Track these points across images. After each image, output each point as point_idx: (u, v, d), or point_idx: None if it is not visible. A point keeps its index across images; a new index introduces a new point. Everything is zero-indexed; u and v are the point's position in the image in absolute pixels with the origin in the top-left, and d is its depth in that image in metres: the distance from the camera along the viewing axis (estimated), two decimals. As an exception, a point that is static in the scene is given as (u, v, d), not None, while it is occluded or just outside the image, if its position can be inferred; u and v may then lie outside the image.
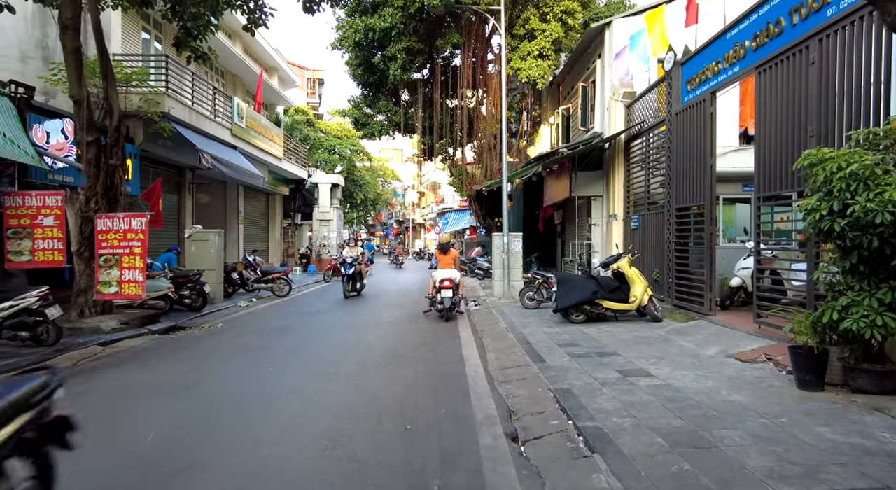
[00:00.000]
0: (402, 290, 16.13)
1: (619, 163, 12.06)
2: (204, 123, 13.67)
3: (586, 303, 8.46)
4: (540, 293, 10.61)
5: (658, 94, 10.18)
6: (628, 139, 11.73)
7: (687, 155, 8.68)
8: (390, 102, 17.38)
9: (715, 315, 8.01)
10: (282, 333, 8.40)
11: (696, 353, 6.22)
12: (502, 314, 9.94)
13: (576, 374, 5.38)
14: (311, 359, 6.58)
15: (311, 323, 9.48)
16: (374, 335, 8.15)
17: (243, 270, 14.28)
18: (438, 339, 7.80)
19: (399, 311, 11.04)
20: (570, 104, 16.20)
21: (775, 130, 6.48)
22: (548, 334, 7.70)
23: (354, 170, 38.30)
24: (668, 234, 9.25)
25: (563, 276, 8.97)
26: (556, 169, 13.62)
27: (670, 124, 9.28)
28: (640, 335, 7.45)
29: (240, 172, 14.57)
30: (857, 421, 3.82)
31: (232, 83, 19.55)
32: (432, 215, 49.50)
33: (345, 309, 11.42)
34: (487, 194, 17.02)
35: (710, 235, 8.05)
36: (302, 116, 32.41)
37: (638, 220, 11.00)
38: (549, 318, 9.17)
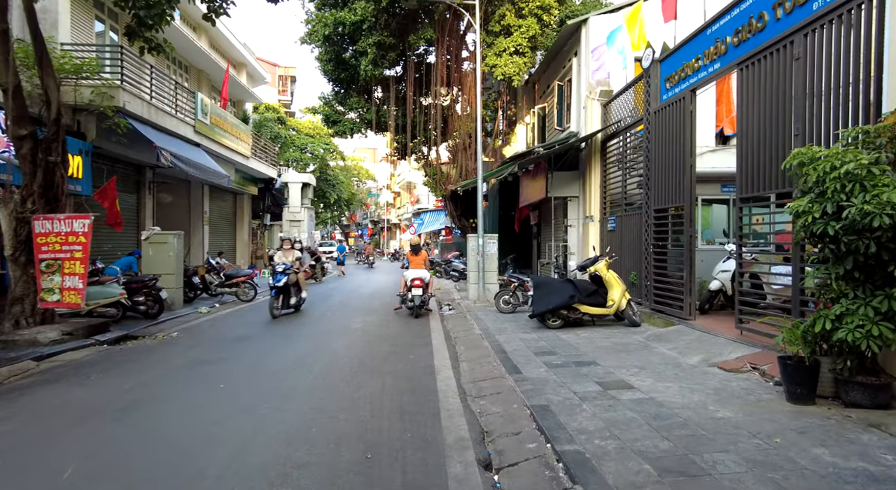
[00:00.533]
0: (374, 293, 15.64)
1: (595, 163, 11.82)
2: (164, 119, 12.95)
3: (563, 307, 8.15)
4: (516, 297, 10.27)
5: (636, 92, 9.95)
6: (605, 139, 11.50)
7: (666, 155, 8.44)
8: (362, 99, 16.84)
9: (695, 319, 7.77)
10: (240, 343, 7.85)
11: (678, 361, 5.94)
12: (477, 319, 9.57)
13: (554, 388, 5.02)
14: (269, 372, 6.08)
15: (275, 330, 8.94)
16: (340, 344, 7.67)
17: (205, 274, 13.59)
18: (409, 348, 7.37)
19: (369, 316, 10.56)
20: (546, 103, 15.96)
21: (758, 129, 6.25)
22: (524, 341, 7.34)
23: (327, 169, 37.53)
24: (646, 235, 9.01)
25: (539, 279, 8.65)
26: (532, 169, 13.33)
27: (648, 123, 9.04)
28: (618, 341, 7.15)
29: (203, 171, 13.88)
30: (855, 440, 3.54)
31: (196, 78, 18.75)
32: (407, 216, 49.00)
33: (310, 315, 10.89)
34: (462, 194, 16.66)
35: (690, 237, 7.81)
36: (272, 114, 31.54)
37: (615, 221, 10.76)
38: (526, 323, 8.83)
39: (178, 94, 14.16)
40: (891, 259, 3.80)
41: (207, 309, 11.57)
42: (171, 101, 13.72)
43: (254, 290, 13.63)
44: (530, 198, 14.80)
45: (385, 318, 10.33)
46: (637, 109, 9.89)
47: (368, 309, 11.69)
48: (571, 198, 12.75)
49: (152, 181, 15.15)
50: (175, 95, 13.85)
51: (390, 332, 8.63)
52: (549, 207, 14.84)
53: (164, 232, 11.55)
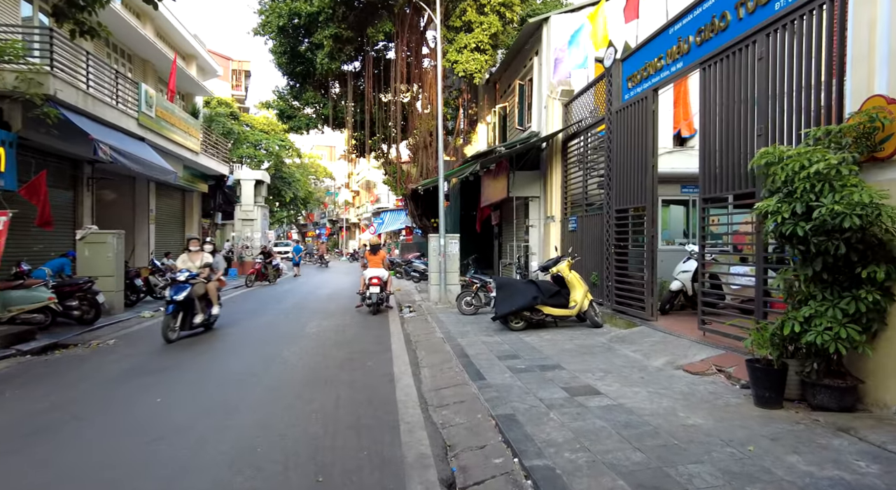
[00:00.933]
0: (331, 295, 15.13)
1: (556, 163, 11.75)
2: (103, 111, 12.07)
3: (526, 309, 7.97)
4: (478, 298, 10.05)
5: (597, 92, 9.91)
6: (566, 139, 11.44)
7: (627, 154, 8.40)
8: (318, 94, 16.25)
9: (657, 320, 7.74)
10: (184, 350, 7.29)
11: (644, 364, 5.83)
12: (438, 322, 9.29)
13: (519, 395, 4.79)
14: (214, 383, 5.61)
15: (222, 336, 8.39)
16: (293, 350, 7.23)
17: (150, 276, 12.76)
18: (367, 354, 7.01)
19: (326, 320, 10.11)
20: (507, 102, 15.86)
21: (721, 129, 6.23)
22: (487, 345, 7.11)
23: (283, 166, 36.43)
24: (608, 236, 8.96)
25: (502, 280, 8.45)
26: (493, 168, 13.17)
27: (610, 123, 8.99)
28: (582, 343, 7.02)
29: (148, 167, 13.03)
30: (827, 445, 3.45)
31: (142, 69, 17.69)
32: (367, 215, 48.25)
33: (263, 318, 10.35)
34: (423, 194, 16.35)
35: (652, 238, 7.78)
36: (225, 109, 30.33)
37: (576, 221, 10.71)
38: (488, 326, 8.62)
39: (120, 84, 13.26)
40: (859, 260, 3.74)
41: (151, 313, 10.83)
42: (112, 92, 12.82)
43: (202, 292, 12.88)
44: (492, 198, 14.64)
45: (342, 321, 9.91)
46: (598, 109, 9.85)
47: (325, 312, 11.22)
48: (533, 198, 12.66)
49: (91, 177, 14.14)
50: (116, 85, 12.95)
51: (347, 337, 8.24)
52: (511, 207, 14.73)
53: (103, 231, 10.74)
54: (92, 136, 10.32)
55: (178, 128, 16.46)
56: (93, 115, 11.57)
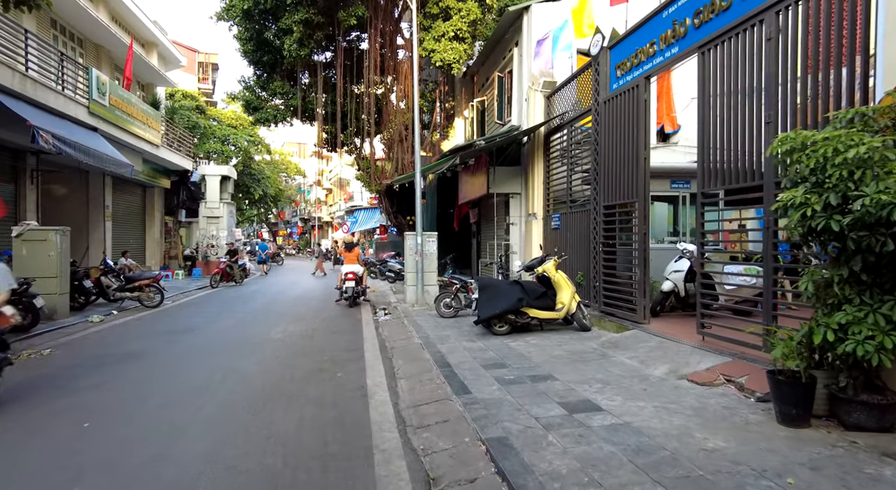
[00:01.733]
0: (301, 296, 14.32)
1: (538, 158, 11.23)
2: (46, 96, 11.04)
3: (511, 311, 7.41)
4: (457, 300, 9.45)
5: (581, 83, 9.42)
6: (548, 133, 10.93)
7: (616, 147, 7.91)
8: (287, 84, 15.38)
9: (649, 323, 7.27)
10: (129, 361, 6.48)
11: (643, 373, 5.31)
12: (416, 325, 8.65)
13: (510, 412, 4.21)
14: (157, 402, 4.86)
15: (176, 344, 7.58)
16: (254, 360, 6.49)
17: (102, 276, 11.75)
18: (337, 363, 6.33)
19: (294, 324, 9.36)
20: (486, 96, 15.31)
21: (723, 119, 5.76)
22: (469, 351, 6.51)
23: (252, 163, 35.12)
24: (595, 234, 8.47)
25: (484, 281, 7.87)
26: (472, 163, 12.58)
27: (597, 114, 8.50)
28: (573, 350, 6.48)
29: (99, 159, 11.99)
30: (878, 477, 2.95)
31: (94, 55, 16.50)
32: (340, 213, 47.22)
33: (224, 323, 9.54)
34: (399, 190, 15.68)
35: (644, 235, 7.30)
36: (190, 102, 28.99)
37: (559, 219, 10.21)
38: (470, 330, 8.02)
39: (68, 68, 12.20)
40: (906, 259, 3.27)
41: (100, 318, 9.88)
42: (57, 75, 11.77)
43: (160, 294, 11.96)
44: (470, 195, 14.07)
45: (312, 325, 9.18)
46: (582, 101, 9.37)
47: (293, 315, 10.45)
48: (513, 194, 12.12)
49: (36, 169, 13.03)
50: (61, 68, 11.89)
51: (316, 344, 7.53)
52: (490, 205, 14.18)
53: (43, 228, 9.73)
54: (30, 123, 9.33)
55: (135, 118, 15.39)
56: (33, 100, 10.55)
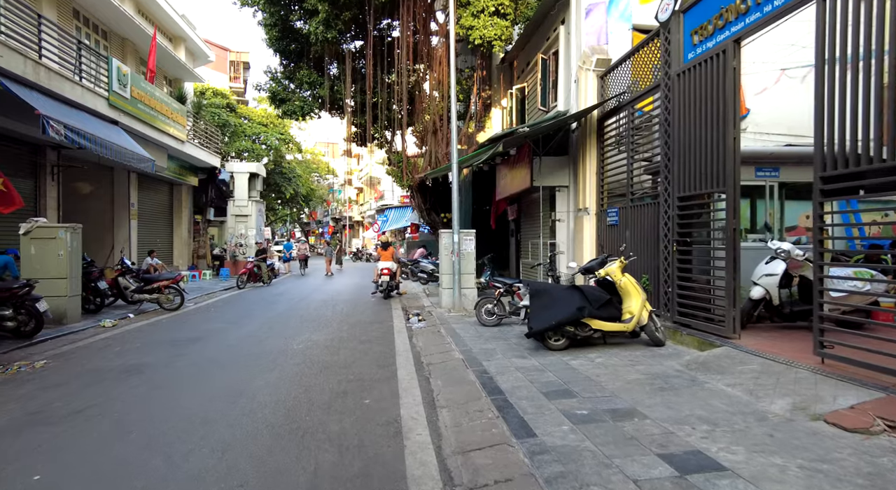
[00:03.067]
0: (329, 299, 13.43)
1: (590, 146, 9.99)
2: (62, 86, 10.41)
3: (570, 323, 6.24)
4: (501, 306, 8.32)
5: (644, 56, 8.17)
6: (602, 117, 9.70)
7: (694, 128, 6.65)
8: (314, 73, 14.52)
9: (739, 338, 6.00)
10: (125, 378, 5.60)
11: (758, 409, 4.08)
12: (454, 335, 7.57)
13: (596, 470, 3.08)
14: (137, 439, 3.91)
15: (185, 356, 6.69)
16: (268, 380, 5.52)
17: (119, 277, 11.09)
18: (365, 384, 5.30)
19: (318, 332, 8.41)
20: (526, 82, 14.11)
21: (859, 79, 4.46)
22: (523, 372, 5.38)
23: (283, 161, 34.72)
24: (666, 230, 7.22)
25: (538, 286, 6.70)
26: (513, 154, 11.41)
27: (668, 91, 7.24)
28: (651, 372, 5.28)
29: (117, 152, 11.34)
30: None
31: (120, 48, 16.04)
32: (371, 213, 46.65)
33: (241, 331, 8.66)
34: (432, 185, 14.63)
35: (734, 232, 6.04)
36: (221, 100, 28.69)
37: (616, 214, 8.97)
38: (519, 343, 6.89)
39: (85, 58, 11.59)
40: None
41: (112, 322, 9.15)
42: (74, 65, 11.16)
43: (180, 296, 11.23)
44: (510, 189, 12.90)
45: (338, 333, 8.20)
46: (641, 80, 8.14)
47: (318, 321, 9.51)
48: (560, 188, 10.91)
49: (57, 164, 12.53)
50: (78, 57, 11.28)
51: (342, 357, 6.52)
52: (533, 200, 13.00)
53: (52, 225, 9.05)
54: (39, 111, 8.65)
55: (159, 112, 14.80)
56: (47, 89, 9.91)
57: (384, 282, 12.87)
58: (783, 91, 8.33)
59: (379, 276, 13.00)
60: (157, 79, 18.77)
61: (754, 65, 8.94)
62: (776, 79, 8.26)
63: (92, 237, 14.97)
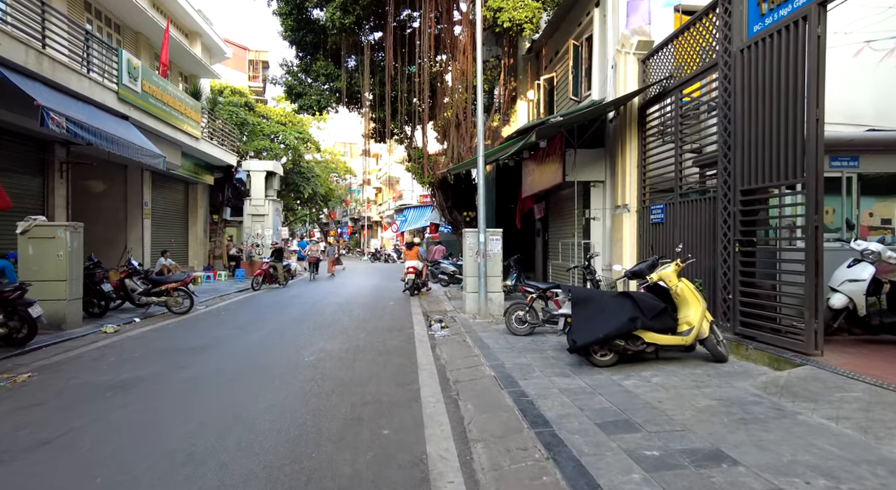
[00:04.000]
0: (347, 302, 12.74)
1: (629, 137, 9.10)
2: (68, 78, 9.91)
3: (621, 336, 5.40)
4: (533, 313, 7.49)
5: (696, 34, 7.27)
6: (644, 104, 8.81)
7: (763, 110, 5.75)
8: (331, 64, 13.84)
9: (821, 354, 5.10)
10: (113, 397, 4.93)
11: (886, 457, 3.21)
12: (482, 345, 6.77)
13: (695, 550, 2.25)
14: (110, 481, 3.20)
15: (184, 369, 6.02)
16: (271, 400, 4.79)
17: (126, 279, 10.54)
18: (383, 408, 4.54)
19: (332, 340, 7.69)
20: (555, 72, 13.25)
21: None
22: (570, 395, 4.56)
23: (301, 161, 34.28)
24: (726, 228, 6.32)
25: (581, 293, 5.86)
26: (543, 147, 10.56)
27: (728, 69, 6.34)
28: (723, 397, 4.41)
29: (126, 147, 10.81)
30: None
31: (134, 42, 15.61)
32: (389, 212, 46.10)
33: (250, 338, 7.99)
34: (454, 182, 13.86)
35: (817, 230, 5.13)
36: (239, 98, 28.34)
37: (661, 211, 8.07)
38: (557, 356, 6.07)
39: (94, 49, 11.09)
40: None
41: (114, 327, 8.57)
42: (82, 56, 10.65)
43: (189, 299, 10.63)
44: (537, 186, 12.05)
45: (354, 343, 7.47)
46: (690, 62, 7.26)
47: (334, 328, 8.80)
48: (595, 183, 10.03)
49: (66, 161, 12.06)
50: (86, 48, 10.77)
51: (357, 373, 5.77)
52: (562, 197, 12.14)
53: (51, 224, 8.50)
54: (38, 102, 8.10)
55: (172, 108, 14.30)
56: (51, 81, 9.40)
57: (410, 279, 13.55)
58: (865, 67, 7.34)
59: (405, 275, 13.75)
60: (172, 75, 18.37)
61: (829, 37, 7.95)
62: (857, 51, 7.26)
63: (104, 237, 14.58)
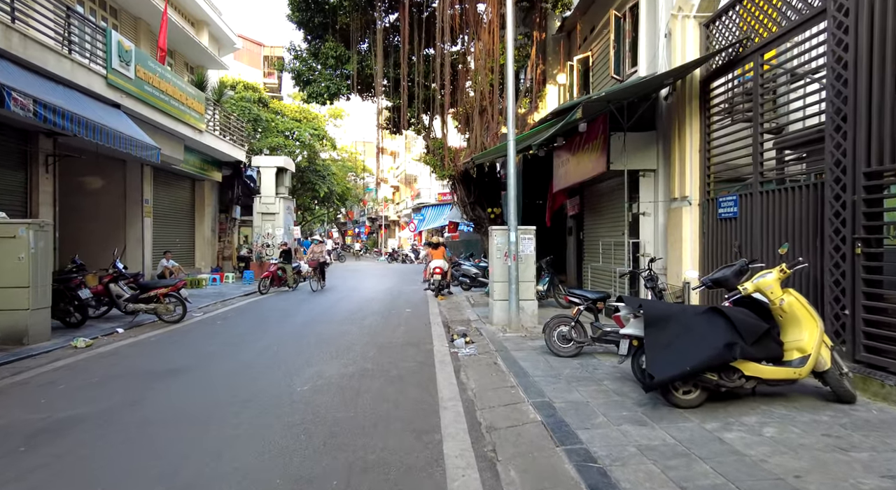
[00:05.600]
0: (356, 309, 11.47)
1: (690, 116, 7.63)
2: (44, 58, 8.82)
3: (715, 368, 3.98)
4: (580, 330, 6.08)
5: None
6: (708, 77, 7.35)
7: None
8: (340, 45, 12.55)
9: None
10: (26, 452, 3.69)
11: None
12: (518, 372, 5.40)
13: None
14: None
15: (141, 402, 4.77)
16: (237, 463, 3.49)
17: (111, 284, 9.41)
18: (391, 480, 3.21)
19: (335, 361, 6.39)
20: (591, 50, 11.80)
21: None
22: (656, 459, 3.17)
23: (317, 158, 33.23)
24: (839, 224, 4.85)
25: (657, 309, 4.43)
26: (582, 132, 9.06)
27: (844, 14, 4.87)
28: (875, 461, 2.98)
29: (113, 137, 9.69)
30: None
31: (133, 28, 14.59)
32: (407, 211, 44.91)
33: (238, 357, 6.74)
34: (477, 176, 12.49)
35: None
36: (252, 94, 27.40)
37: (735, 203, 6.61)
38: (618, 389, 4.67)
39: (75, 27, 9.99)
40: None
41: (87, 341, 7.39)
42: (62, 34, 9.56)
43: (182, 306, 9.46)
44: (573, 178, 10.62)
45: (361, 364, 6.16)
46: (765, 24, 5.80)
47: (339, 343, 7.49)
48: (645, 172, 8.58)
49: (52, 154, 11.00)
50: (67, 27, 9.67)
51: (360, 414, 4.44)
52: (601, 191, 10.69)
53: (10, 221, 7.34)
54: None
55: (172, 97, 13.20)
56: (23, 60, 8.31)
57: (436, 280, 13.18)
58: None
59: (431, 275, 13.41)
60: (177, 65, 17.37)
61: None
62: None
63: (102, 237, 13.56)
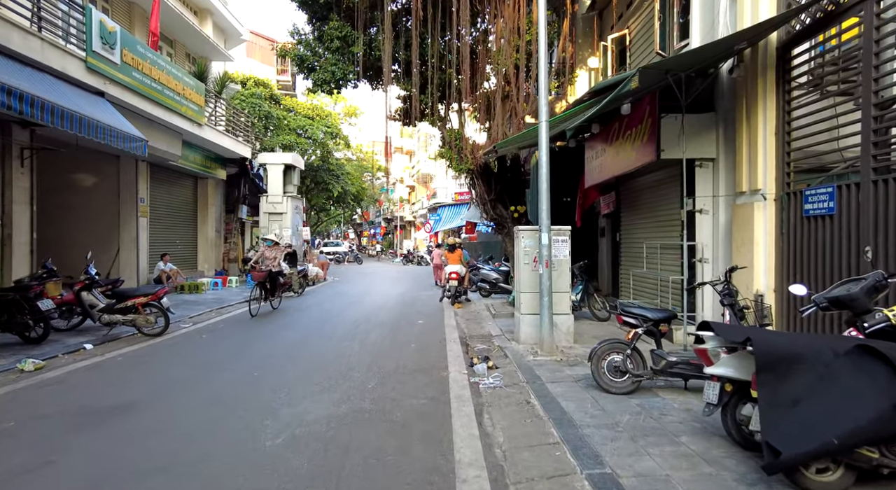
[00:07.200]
0: (361, 320, 10.22)
1: (765, 92, 6.19)
2: (7, 34, 7.75)
3: (877, 440, 2.61)
4: (636, 359, 4.72)
5: None
6: (787, 42, 5.93)
7: None
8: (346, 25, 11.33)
9: None
10: None
11: None
12: (561, 420, 4.07)
13: None
14: None
15: (50, 464, 3.56)
16: None
17: (84, 292, 8.28)
18: None
19: (323, 397, 5.11)
20: (628, 28, 10.39)
21: None
22: None
23: (330, 157, 32.18)
24: None
25: (774, 345, 3.03)
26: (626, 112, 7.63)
27: None
28: None
29: (90, 127, 8.58)
30: None
31: (126, 14, 13.58)
32: (423, 211, 43.71)
33: (207, 388, 5.55)
34: (498, 170, 11.16)
35: None
36: (264, 90, 26.43)
37: (832, 196, 5.20)
38: (704, 451, 3.32)
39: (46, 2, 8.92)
40: None
41: (38, 363, 6.23)
42: (31, 8, 8.50)
43: (164, 317, 8.31)
44: (611, 170, 9.19)
45: (358, 401, 4.88)
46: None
47: (331, 369, 6.19)
48: (702, 162, 7.16)
49: (30, 147, 9.97)
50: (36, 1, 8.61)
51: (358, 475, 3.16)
52: (642, 185, 9.27)
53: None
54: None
55: (166, 86, 12.13)
56: (-24, 35, 7.24)
57: (452, 286, 11.99)
58: None
59: (447, 281, 12.21)
60: (177, 56, 16.38)
61: None
62: None
63: (95, 238, 12.55)
